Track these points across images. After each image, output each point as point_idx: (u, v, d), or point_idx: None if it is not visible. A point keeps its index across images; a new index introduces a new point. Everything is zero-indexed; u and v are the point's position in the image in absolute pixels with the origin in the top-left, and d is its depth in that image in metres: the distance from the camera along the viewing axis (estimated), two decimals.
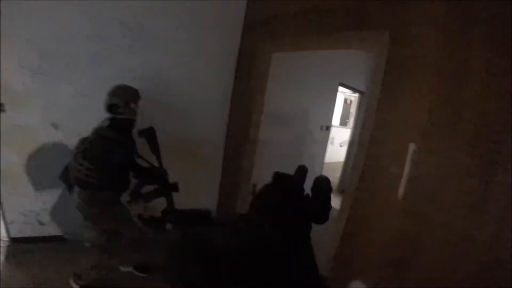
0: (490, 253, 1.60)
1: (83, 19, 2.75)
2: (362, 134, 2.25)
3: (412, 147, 1.91)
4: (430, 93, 1.84)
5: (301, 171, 1.47)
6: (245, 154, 3.40)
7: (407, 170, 1.93)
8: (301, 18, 2.76)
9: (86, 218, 2.29)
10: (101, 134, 2.19)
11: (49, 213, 3.01)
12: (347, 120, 8.99)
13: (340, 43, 2.51)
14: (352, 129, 5.71)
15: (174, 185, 2.66)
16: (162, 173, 2.59)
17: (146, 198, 2.60)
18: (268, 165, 3.95)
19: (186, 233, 1.41)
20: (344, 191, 2.67)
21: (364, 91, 5.25)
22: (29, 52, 2.62)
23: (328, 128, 4.73)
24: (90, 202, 2.20)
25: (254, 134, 3.34)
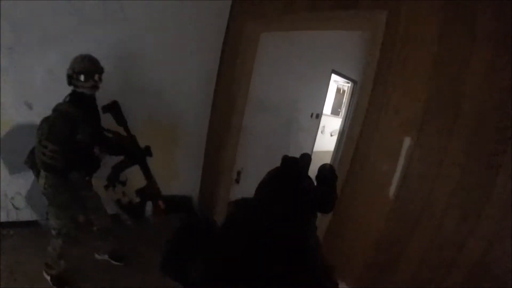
0: (482, 264, 1.46)
1: None
2: (351, 125, 2.08)
3: (406, 142, 1.75)
4: (427, 83, 1.67)
5: (304, 160, 1.35)
6: (228, 141, 3.22)
7: (400, 166, 1.76)
8: None
9: (53, 204, 2.14)
10: (61, 111, 2.00)
11: (24, 197, 2.89)
12: (339, 109, 8.84)
13: (332, 23, 2.32)
14: (343, 118, 5.57)
15: (146, 148, 2.35)
16: (130, 139, 2.33)
17: (116, 170, 2.30)
18: (253, 152, 3.83)
19: (187, 220, 1.32)
20: None
21: (357, 80, 5.06)
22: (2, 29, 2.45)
23: (318, 116, 4.55)
24: (57, 187, 2.07)
25: (238, 120, 3.15)
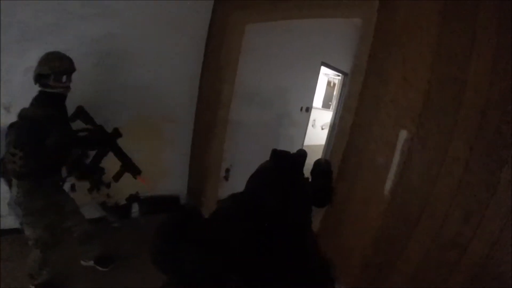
0: (485, 266, 1.37)
1: None
2: (343, 116, 1.97)
3: (403, 135, 1.62)
4: (427, 71, 1.54)
5: (300, 155, 1.34)
6: (215, 135, 3.07)
7: (396, 161, 1.64)
8: None
9: (28, 213, 1.96)
10: (26, 115, 1.86)
11: (7, 204, 2.63)
12: (330, 102, 8.75)
13: (321, 10, 2.19)
14: (334, 111, 5.48)
15: (114, 131, 2.25)
16: (98, 129, 2.23)
17: (94, 164, 2.23)
18: (243, 148, 3.72)
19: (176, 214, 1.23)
20: None
21: (347, 73, 4.97)
22: None
23: (308, 109, 4.45)
24: (31, 195, 1.92)
25: (224, 114, 3.01)
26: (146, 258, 1.09)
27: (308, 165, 1.36)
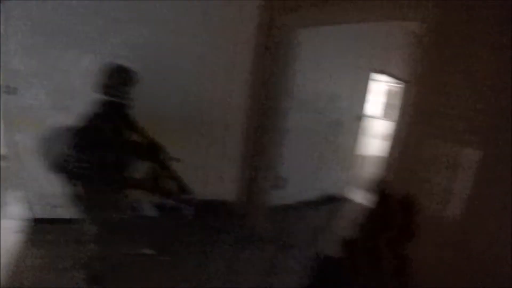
0: None
1: None
2: (398, 128, 1.81)
3: (469, 153, 1.42)
4: (501, 78, 1.33)
5: None
6: (267, 143, 3.05)
7: (460, 184, 1.44)
8: None
9: (85, 209, 2.12)
10: (89, 121, 1.99)
11: (60, 196, 2.92)
12: (387, 111, 8.36)
13: (373, 12, 2.07)
14: (391, 121, 5.20)
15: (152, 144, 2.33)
16: (150, 141, 2.33)
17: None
18: (294, 155, 3.67)
19: None
20: None
21: (406, 80, 4.65)
22: (32, 33, 2.58)
23: (363, 118, 4.27)
24: (85, 193, 2.05)
25: (276, 122, 2.97)
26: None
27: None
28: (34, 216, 3.04)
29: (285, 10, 2.77)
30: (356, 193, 4.51)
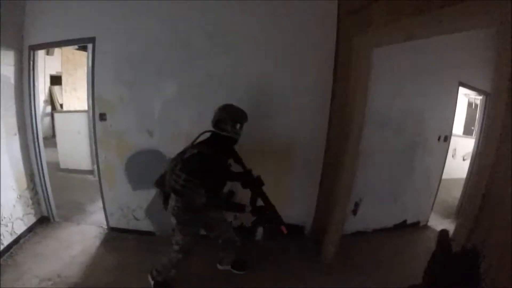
0: None
1: (167, 29, 2.92)
2: (483, 146, 1.61)
3: None
4: None
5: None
6: (344, 166, 2.89)
7: None
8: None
9: (180, 222, 2.39)
10: (201, 150, 2.26)
11: (144, 210, 3.33)
12: (472, 127, 7.57)
13: (445, 24, 1.90)
14: (476, 139, 4.71)
15: (258, 179, 2.46)
16: (249, 173, 2.49)
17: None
18: (373, 179, 3.49)
19: None
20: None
21: (490, 93, 4.21)
22: (122, 65, 2.97)
23: (447, 138, 3.91)
24: (184, 209, 2.33)
25: (354, 145, 2.82)
26: None
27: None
28: (113, 225, 3.38)
29: (358, 30, 2.70)
30: (437, 220, 4.15)
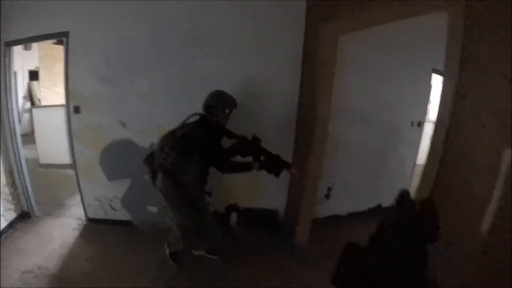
0: None
1: (142, 25, 3.01)
2: (435, 132, 1.65)
3: (508, 155, 1.23)
4: None
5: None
6: (312, 153, 2.96)
7: (498, 190, 1.24)
8: None
9: (168, 200, 2.54)
10: (191, 130, 2.39)
11: (120, 200, 3.42)
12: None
13: (404, 9, 1.98)
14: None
15: (254, 138, 2.58)
16: (243, 139, 2.59)
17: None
18: (346, 166, 3.55)
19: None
20: None
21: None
22: (96, 60, 3.05)
23: (420, 123, 3.94)
24: (172, 187, 2.43)
25: (321, 131, 2.88)
26: None
27: None
28: (92, 217, 3.47)
29: (324, 17, 2.72)
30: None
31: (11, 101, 3.29)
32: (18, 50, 3.28)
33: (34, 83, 7.38)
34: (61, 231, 3.30)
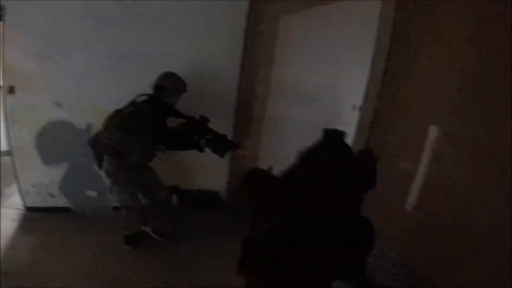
0: None
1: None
2: (363, 112, 1.73)
3: (433, 132, 1.31)
4: (464, 57, 1.25)
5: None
6: (251, 133, 3.03)
7: (424, 167, 1.34)
8: None
9: (114, 182, 2.46)
10: (139, 109, 2.33)
11: (57, 186, 3.23)
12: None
13: None
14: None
15: (202, 118, 2.66)
16: (191, 119, 2.64)
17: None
18: (286, 147, 3.55)
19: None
20: None
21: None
22: (31, 37, 2.79)
23: (361, 107, 4.10)
24: (118, 168, 2.38)
25: (260, 110, 2.95)
26: None
27: None
28: (30, 205, 3.23)
29: None
30: None
31: None
32: None
33: None
34: None
